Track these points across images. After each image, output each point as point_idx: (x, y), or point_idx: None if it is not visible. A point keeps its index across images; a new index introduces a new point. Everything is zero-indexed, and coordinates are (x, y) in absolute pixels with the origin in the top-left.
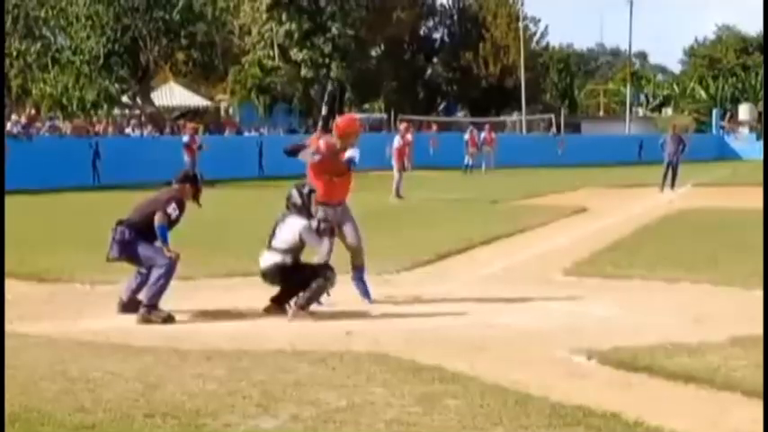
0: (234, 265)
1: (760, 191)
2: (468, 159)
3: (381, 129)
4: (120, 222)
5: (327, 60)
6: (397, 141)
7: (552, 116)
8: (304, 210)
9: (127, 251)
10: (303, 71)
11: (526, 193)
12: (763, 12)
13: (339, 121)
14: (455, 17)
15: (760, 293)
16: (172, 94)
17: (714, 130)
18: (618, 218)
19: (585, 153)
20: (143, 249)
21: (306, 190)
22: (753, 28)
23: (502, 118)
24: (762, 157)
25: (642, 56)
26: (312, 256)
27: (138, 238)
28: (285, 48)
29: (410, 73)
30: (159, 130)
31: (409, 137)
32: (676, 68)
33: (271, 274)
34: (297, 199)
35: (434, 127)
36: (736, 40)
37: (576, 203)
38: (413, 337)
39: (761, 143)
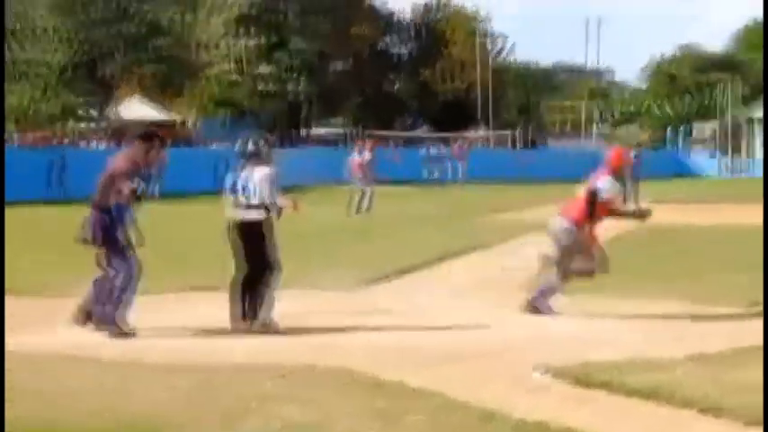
0: (196, 279)
1: (718, 207)
2: (433, 173)
3: (345, 143)
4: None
5: (290, 75)
6: (355, 156)
7: (514, 132)
8: (264, 157)
9: (105, 239)
10: (266, 85)
11: (490, 208)
12: (763, 12)
13: (612, 155)
14: (416, 32)
15: (717, 310)
16: (135, 108)
17: (673, 147)
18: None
19: (547, 169)
20: (114, 246)
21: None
22: (712, 46)
23: (464, 133)
24: (717, 173)
25: (603, 72)
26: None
27: (106, 223)
28: (249, 62)
29: (372, 88)
30: (124, 143)
31: (368, 154)
32: (638, 85)
33: (247, 230)
34: (251, 147)
35: (393, 142)
36: (697, 58)
37: (539, 218)
38: (376, 351)
39: (720, 160)
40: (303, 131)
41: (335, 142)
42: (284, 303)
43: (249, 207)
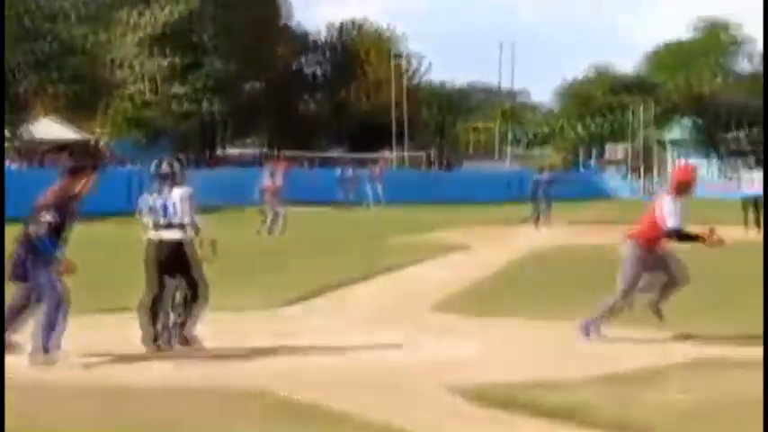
0: (107, 300)
1: (629, 229)
2: (348, 194)
3: (260, 164)
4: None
5: (204, 95)
6: (267, 178)
7: (428, 153)
8: (179, 177)
9: (16, 274)
10: (180, 105)
11: (402, 230)
12: (763, 12)
13: (675, 172)
14: (332, 52)
15: (623, 331)
16: (47, 128)
17: (586, 168)
18: (492, 255)
19: (461, 189)
20: (36, 273)
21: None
22: (626, 68)
23: (379, 154)
24: (630, 194)
25: (518, 94)
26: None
27: (31, 256)
28: (161, 81)
29: (287, 108)
30: (35, 163)
31: (279, 175)
32: (551, 106)
33: (173, 252)
34: (166, 168)
35: (308, 163)
36: (610, 80)
37: (451, 240)
38: (290, 373)
39: (632, 181)
40: (217, 152)
41: (251, 163)
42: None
43: (170, 227)
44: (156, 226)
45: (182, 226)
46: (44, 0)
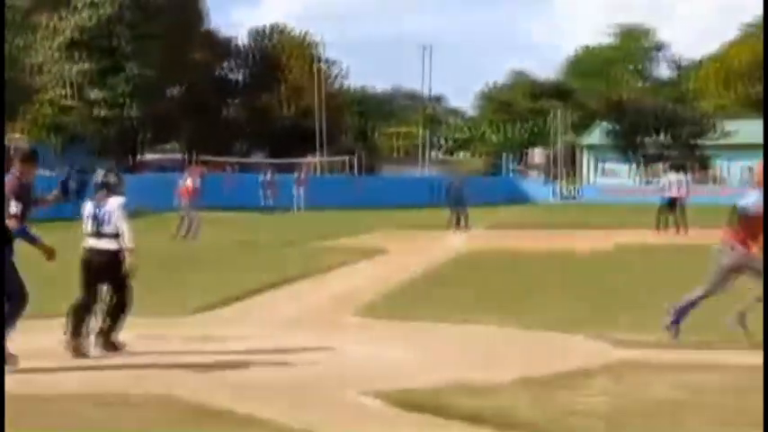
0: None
1: (550, 233)
2: (265, 200)
3: (181, 169)
4: None
5: (124, 100)
6: (181, 183)
7: (349, 158)
8: (119, 188)
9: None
10: (99, 110)
11: (324, 235)
12: (763, 12)
13: (759, 169)
14: (253, 58)
15: (547, 334)
16: None
17: (507, 173)
18: (412, 259)
19: (383, 195)
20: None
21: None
22: (545, 73)
23: (301, 159)
24: (550, 199)
25: (438, 99)
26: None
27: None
28: (81, 87)
29: (208, 113)
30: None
31: (189, 181)
32: (471, 112)
33: (106, 260)
34: (111, 178)
35: (230, 168)
36: (529, 85)
37: (372, 245)
38: (205, 379)
39: (552, 186)
40: (141, 156)
41: (172, 168)
42: None
43: (104, 236)
44: (92, 234)
45: (114, 235)
46: None
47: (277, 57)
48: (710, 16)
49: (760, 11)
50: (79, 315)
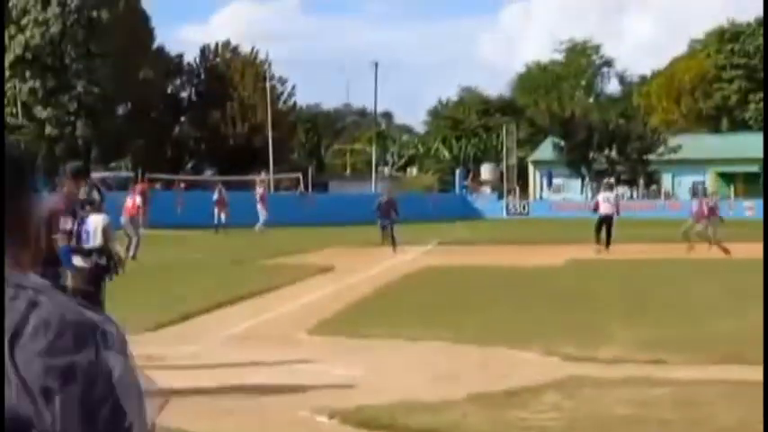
0: None
1: (501, 249)
2: (217, 218)
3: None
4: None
5: (73, 118)
6: (128, 201)
7: (300, 175)
8: (101, 205)
9: None
10: (48, 129)
11: (273, 252)
12: (763, 12)
13: None
14: (202, 76)
15: (497, 350)
16: None
17: (457, 190)
18: (362, 276)
19: (332, 212)
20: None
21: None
22: (494, 90)
23: (250, 176)
24: (500, 214)
25: (388, 116)
26: None
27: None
28: (29, 105)
29: (158, 131)
30: None
31: (138, 198)
32: (421, 129)
33: (87, 277)
34: (95, 195)
35: (182, 185)
36: (478, 102)
37: (322, 262)
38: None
39: (502, 202)
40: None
41: (123, 186)
42: None
43: (89, 253)
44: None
45: (100, 251)
46: None
47: (227, 74)
48: (658, 32)
49: (706, 27)
50: None
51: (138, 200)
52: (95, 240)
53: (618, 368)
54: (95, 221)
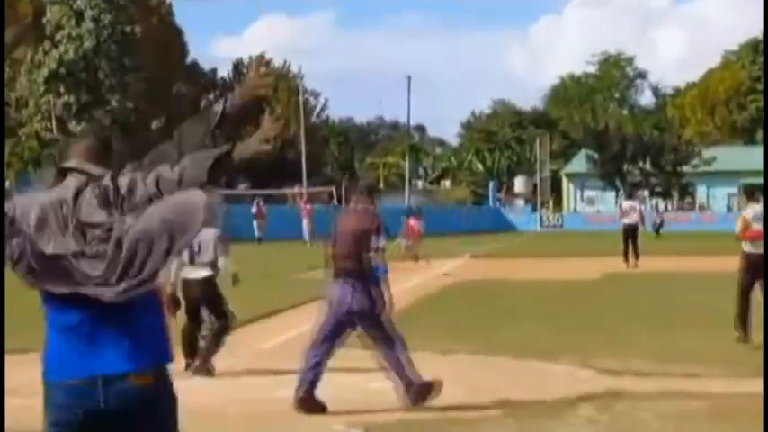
0: (7, 341)
1: (535, 261)
2: (257, 231)
3: None
4: (344, 272)
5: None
6: None
7: (333, 188)
8: (212, 221)
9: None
10: None
11: (309, 266)
12: (763, 12)
13: None
14: (236, 90)
15: (533, 363)
16: None
17: (491, 203)
18: (396, 290)
19: None
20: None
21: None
22: (527, 103)
23: (283, 190)
24: (534, 227)
25: (421, 129)
26: None
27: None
28: (63, 120)
29: None
30: None
31: None
32: (454, 142)
33: (199, 288)
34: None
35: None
36: (511, 115)
37: None
38: (194, 412)
39: (536, 214)
40: None
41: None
42: None
43: (198, 265)
44: (187, 263)
45: (207, 264)
46: None
47: None
48: (692, 44)
49: (741, 39)
50: (186, 338)
51: None
52: (207, 253)
53: (653, 381)
54: (207, 235)
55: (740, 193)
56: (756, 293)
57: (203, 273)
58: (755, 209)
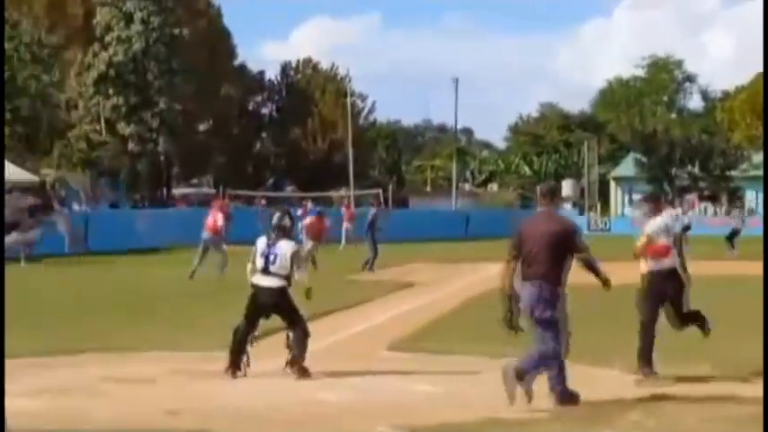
0: (53, 343)
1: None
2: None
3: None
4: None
5: (154, 135)
6: (209, 218)
7: (380, 191)
8: (292, 231)
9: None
10: (130, 145)
11: (353, 268)
12: (763, 12)
13: None
14: (283, 92)
15: (579, 367)
16: None
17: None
18: (443, 292)
19: (413, 228)
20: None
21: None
22: (574, 106)
23: (329, 193)
24: (584, 231)
25: (468, 132)
26: None
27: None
28: (112, 122)
29: (239, 147)
30: None
31: (219, 215)
32: (501, 145)
33: (272, 297)
34: (287, 222)
35: (263, 201)
36: (559, 118)
37: (402, 278)
38: (238, 415)
39: (583, 218)
40: (168, 191)
41: (204, 202)
42: (144, 366)
43: (272, 275)
44: (260, 271)
45: (282, 275)
46: None
47: (307, 90)
48: (741, 47)
49: None
50: (236, 339)
51: (220, 217)
52: (283, 265)
53: (702, 386)
54: (285, 247)
55: None
56: (662, 319)
57: (277, 282)
58: (663, 219)
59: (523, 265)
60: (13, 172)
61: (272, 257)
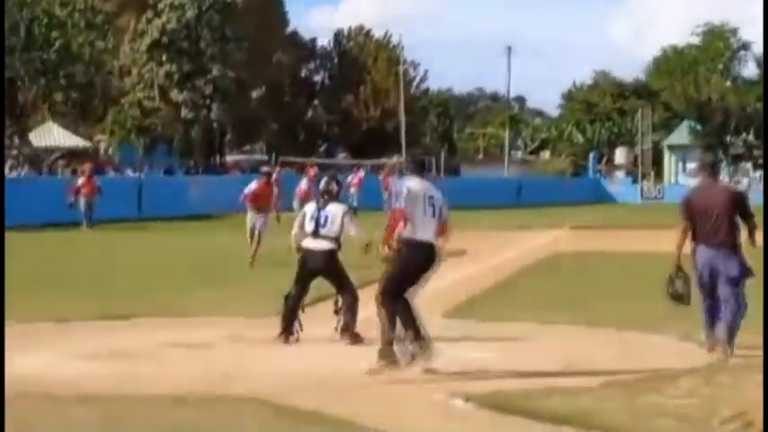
0: (109, 308)
1: (635, 234)
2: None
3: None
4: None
5: (208, 102)
6: (301, 185)
7: (432, 159)
8: (338, 194)
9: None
10: (183, 112)
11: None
12: (763, 12)
13: None
14: (336, 60)
15: (633, 335)
16: (50, 135)
17: (591, 174)
18: (496, 260)
19: (465, 196)
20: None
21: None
22: (628, 74)
23: (382, 160)
24: (635, 199)
25: (520, 100)
26: None
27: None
28: (165, 89)
29: (291, 115)
30: (37, 171)
31: (304, 183)
32: (554, 112)
33: (323, 260)
34: (334, 186)
35: (311, 170)
36: (612, 86)
37: (455, 246)
38: (292, 380)
39: (636, 186)
40: (221, 158)
41: (256, 170)
42: (200, 331)
43: (323, 237)
44: (311, 234)
45: (333, 238)
46: (52, 8)
47: (360, 58)
48: None
49: None
50: (288, 304)
51: (306, 184)
52: (333, 227)
53: (757, 354)
54: (335, 210)
55: None
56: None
57: (327, 245)
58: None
59: (700, 233)
60: (66, 137)
61: (322, 220)
